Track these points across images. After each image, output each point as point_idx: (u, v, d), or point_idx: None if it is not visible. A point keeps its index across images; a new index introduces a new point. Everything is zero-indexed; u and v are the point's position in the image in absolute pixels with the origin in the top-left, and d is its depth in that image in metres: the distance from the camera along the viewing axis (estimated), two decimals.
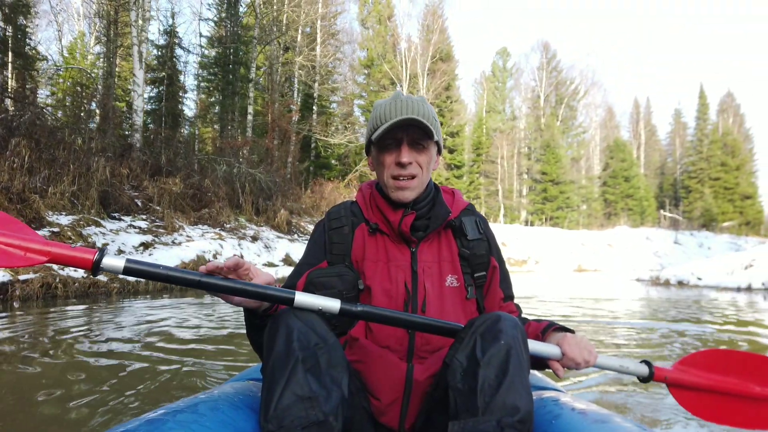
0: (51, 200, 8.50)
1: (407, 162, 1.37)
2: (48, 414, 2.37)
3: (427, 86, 35.64)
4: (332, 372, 1.08)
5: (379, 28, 37.06)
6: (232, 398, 1.17)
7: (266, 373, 1.08)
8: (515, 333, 1.11)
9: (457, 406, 1.07)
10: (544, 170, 40.64)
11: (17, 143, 8.72)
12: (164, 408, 1.07)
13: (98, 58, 24.36)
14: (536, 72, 45.62)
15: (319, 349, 1.09)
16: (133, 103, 16.37)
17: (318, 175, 25.87)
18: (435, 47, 36.10)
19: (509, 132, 42.50)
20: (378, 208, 1.46)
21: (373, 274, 1.40)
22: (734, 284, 11.16)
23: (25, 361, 3.35)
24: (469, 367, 1.09)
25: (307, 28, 25.86)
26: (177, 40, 25.22)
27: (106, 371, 3.15)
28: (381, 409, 1.32)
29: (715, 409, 1.42)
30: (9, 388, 2.77)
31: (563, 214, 39.19)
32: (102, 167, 9.93)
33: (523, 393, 1.04)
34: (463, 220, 1.49)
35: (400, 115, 1.36)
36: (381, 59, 35.81)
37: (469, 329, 1.16)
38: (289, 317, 1.12)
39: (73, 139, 10.28)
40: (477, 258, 1.45)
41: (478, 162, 41.04)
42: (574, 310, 7.40)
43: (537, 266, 25.51)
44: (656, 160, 55.40)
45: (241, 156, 18.20)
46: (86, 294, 6.91)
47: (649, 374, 1.38)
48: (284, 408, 1.00)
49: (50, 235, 7.53)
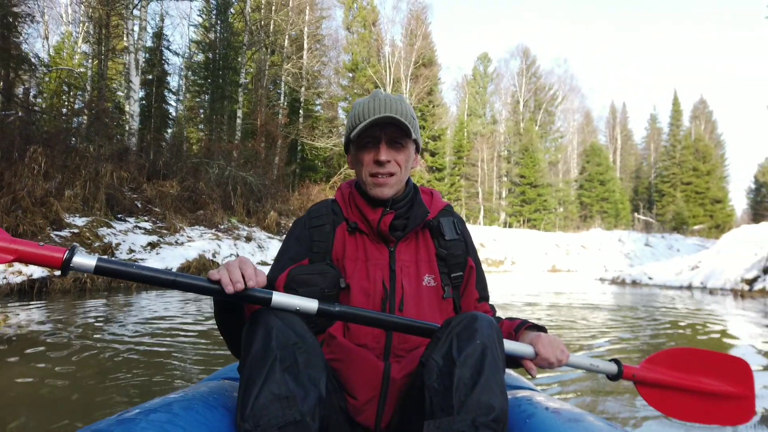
0: (66, 203, 9.31)
1: (385, 160, 1.39)
2: (38, 403, 2.56)
3: (410, 91, 36.64)
4: (310, 371, 1.09)
5: (363, 32, 37.95)
6: (207, 397, 1.16)
7: (243, 371, 1.07)
8: (491, 333, 1.13)
9: (433, 406, 1.08)
10: (522, 173, 41.95)
11: (34, 150, 9.50)
12: (138, 407, 1.06)
13: (85, 58, 24.61)
14: (516, 77, 47.02)
15: (297, 348, 1.09)
16: (130, 108, 17.10)
17: (304, 178, 26.70)
18: (418, 53, 37.13)
19: (489, 136, 43.72)
20: (357, 207, 1.47)
21: (352, 273, 1.41)
22: (678, 283, 12.39)
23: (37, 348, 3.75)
24: (444, 367, 1.10)
25: (293, 32, 26.64)
26: (166, 43, 25.92)
27: (94, 360, 3.42)
28: (357, 407, 1.33)
29: (679, 406, 1.49)
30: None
31: (540, 216, 40.54)
32: (109, 172, 10.73)
33: (498, 392, 1.06)
34: (441, 220, 1.50)
35: (379, 113, 1.38)
36: (365, 63, 36.72)
37: (446, 329, 1.17)
38: (267, 316, 1.12)
39: (85, 146, 11.04)
40: (454, 258, 1.48)
41: (459, 165, 42.18)
42: (535, 300, 8.47)
43: (513, 266, 26.67)
44: (632, 165, 57.12)
45: (231, 159, 18.98)
46: (110, 287, 7.80)
47: (618, 372, 1.42)
48: (261, 407, 1.00)
49: (71, 235, 8.37)
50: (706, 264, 12.17)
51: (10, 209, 7.81)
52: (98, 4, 21.07)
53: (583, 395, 3.05)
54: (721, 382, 1.50)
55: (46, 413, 2.41)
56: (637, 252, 32.13)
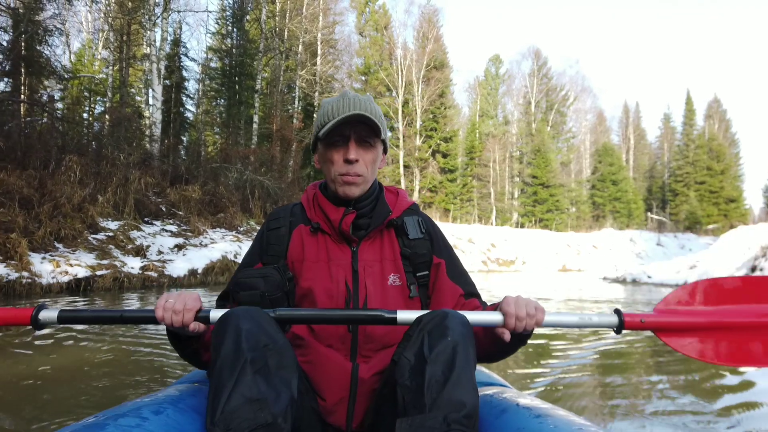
0: (99, 208, 10.04)
1: (354, 159, 1.38)
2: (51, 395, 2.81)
3: (422, 93, 37.23)
4: (282, 373, 1.08)
5: (375, 36, 38.58)
6: (177, 401, 1.16)
7: (213, 375, 1.07)
8: (462, 330, 1.13)
9: (405, 403, 1.08)
10: (534, 174, 42.27)
11: (69, 159, 10.24)
12: (105, 412, 1.05)
13: (105, 64, 25.34)
14: (527, 78, 47.35)
15: (268, 350, 1.09)
16: (152, 115, 17.89)
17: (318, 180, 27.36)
18: (430, 55, 37.68)
19: (501, 137, 44.11)
20: (320, 207, 1.47)
21: (314, 275, 1.41)
22: (674, 281, 12.83)
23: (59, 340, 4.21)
24: (416, 364, 1.11)
25: (307, 39, 27.31)
26: (184, 50, 26.77)
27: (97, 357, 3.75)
28: (328, 409, 1.33)
29: (718, 347, 1.29)
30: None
31: (552, 217, 40.83)
32: (137, 178, 11.47)
33: (469, 388, 1.06)
34: (405, 219, 1.50)
35: (348, 111, 1.37)
36: (377, 67, 37.36)
37: (417, 327, 1.17)
38: (238, 318, 1.12)
39: (116, 155, 11.79)
40: (418, 257, 1.47)
41: (471, 165, 42.59)
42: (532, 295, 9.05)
43: (524, 266, 27.11)
44: (645, 164, 57.01)
45: (249, 163, 19.67)
46: (143, 286, 8.51)
47: (620, 322, 1.28)
48: (232, 410, 1.00)
49: (106, 238, 9.10)
50: (703, 263, 12.62)
51: (52, 215, 8.55)
52: (119, 13, 21.97)
53: (554, 391, 3.08)
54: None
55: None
56: (649, 252, 32.37)
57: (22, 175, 8.96)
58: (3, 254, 7.16)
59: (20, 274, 6.98)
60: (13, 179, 8.44)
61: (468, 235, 28.08)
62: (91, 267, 7.84)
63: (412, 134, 36.94)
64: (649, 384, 3.36)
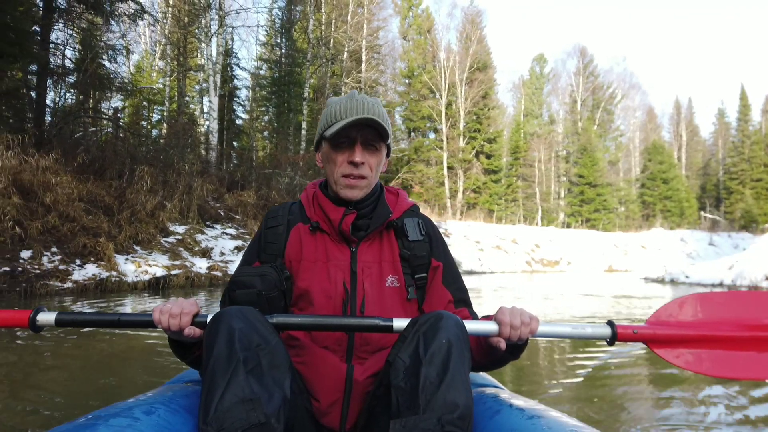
0: (168, 214, 11.10)
1: (360, 161, 1.38)
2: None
3: (465, 95, 37.56)
4: (274, 373, 1.09)
5: (419, 40, 39.16)
6: (169, 401, 1.16)
7: (206, 374, 1.06)
8: (457, 331, 1.14)
9: (399, 405, 1.08)
10: (581, 173, 41.85)
11: (141, 170, 11.35)
12: (96, 412, 1.05)
13: (162, 75, 26.72)
14: (573, 77, 46.91)
15: (261, 350, 1.09)
16: (210, 125, 19.11)
17: None
18: (473, 57, 37.95)
19: (547, 136, 43.86)
20: (320, 207, 1.46)
21: (311, 275, 1.40)
22: (710, 281, 12.92)
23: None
24: (411, 366, 1.11)
25: (352, 45, 28.18)
26: (236, 60, 28.11)
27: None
28: (322, 410, 1.33)
29: (713, 361, 1.31)
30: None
31: (600, 216, 40.35)
32: (201, 185, 12.53)
33: (463, 390, 1.07)
34: (405, 221, 1.49)
35: (357, 114, 1.37)
36: (421, 70, 37.93)
37: (412, 328, 1.17)
38: (230, 317, 1.11)
39: (181, 165, 12.91)
40: (417, 259, 1.46)
41: (516, 166, 42.53)
42: (559, 294, 9.43)
43: (569, 267, 27.11)
44: (699, 161, 55.34)
45: (298, 168, 20.62)
46: (211, 284, 9.49)
47: (612, 334, 1.31)
48: (224, 410, 1.00)
49: (176, 241, 10.13)
50: (741, 263, 12.65)
51: (131, 221, 9.64)
52: (176, 27, 23.40)
53: (548, 393, 3.11)
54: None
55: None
56: (700, 252, 31.66)
57: (102, 186, 10.11)
58: (94, 256, 8.28)
59: (110, 273, 8.11)
60: (97, 189, 9.59)
61: (512, 236, 28.27)
62: (166, 267, 8.93)
63: (455, 136, 37.32)
64: (643, 388, 3.44)
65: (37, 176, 8.85)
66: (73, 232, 8.56)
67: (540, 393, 3.16)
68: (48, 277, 7.58)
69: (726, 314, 1.36)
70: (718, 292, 1.45)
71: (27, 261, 7.70)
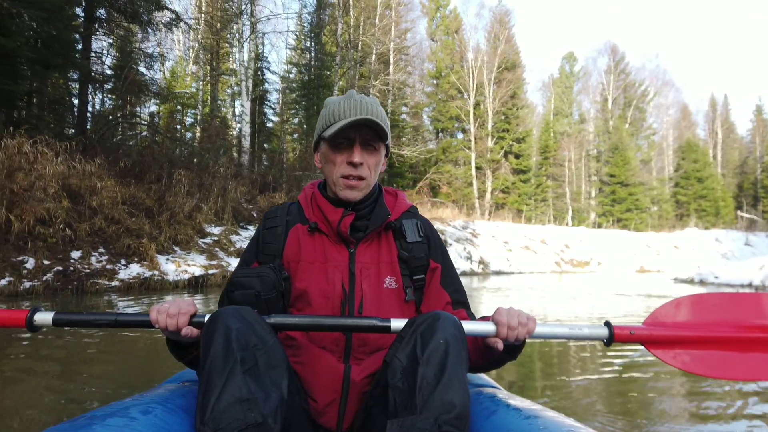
0: (204, 216, 11.57)
1: (359, 162, 1.38)
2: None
3: (494, 95, 37.47)
4: (271, 373, 1.09)
5: (447, 40, 39.22)
6: (166, 401, 1.16)
7: (203, 374, 1.07)
8: (454, 331, 1.15)
9: (396, 405, 1.09)
10: (612, 172, 41.26)
11: (178, 173, 11.85)
12: (93, 411, 1.05)
13: (195, 79, 27.38)
14: (604, 75, 46.26)
15: (258, 350, 1.10)
16: (242, 128, 19.65)
17: (392, 185, 28.46)
18: (501, 57, 37.83)
19: (577, 135, 43.41)
20: (318, 207, 1.46)
21: (309, 275, 1.40)
22: (739, 281, 12.76)
23: None
24: (408, 366, 1.11)
25: (380, 48, 28.46)
26: (266, 64, 28.73)
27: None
28: (319, 410, 1.33)
29: (711, 362, 1.31)
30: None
31: (632, 216, 39.74)
32: (234, 188, 12.99)
33: (460, 390, 1.07)
34: (404, 222, 1.49)
35: (355, 114, 1.37)
36: (449, 70, 37.99)
37: (410, 328, 1.18)
38: (227, 317, 1.12)
39: (216, 168, 13.41)
40: (415, 260, 1.46)
41: (546, 165, 42.20)
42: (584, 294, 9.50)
43: (599, 267, 26.86)
44: (735, 159, 53.87)
45: None
46: None
47: (610, 335, 1.30)
48: (221, 410, 1.00)
49: (212, 242, 10.58)
50: None
51: (170, 223, 10.12)
52: (208, 33, 24.08)
53: (545, 393, 3.11)
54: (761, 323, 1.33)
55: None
56: (736, 252, 30.91)
57: (143, 189, 10.63)
58: (138, 256, 8.79)
59: (152, 272, 8.60)
60: (138, 192, 10.12)
61: (541, 236, 28.13)
62: (203, 267, 9.40)
63: (483, 136, 37.25)
64: (640, 388, 3.45)
65: (84, 181, 9.41)
66: (118, 234, 9.07)
67: (537, 393, 3.16)
68: (97, 275, 8.10)
69: (722, 315, 1.37)
70: (715, 293, 1.45)
71: (77, 261, 8.22)
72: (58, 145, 9.62)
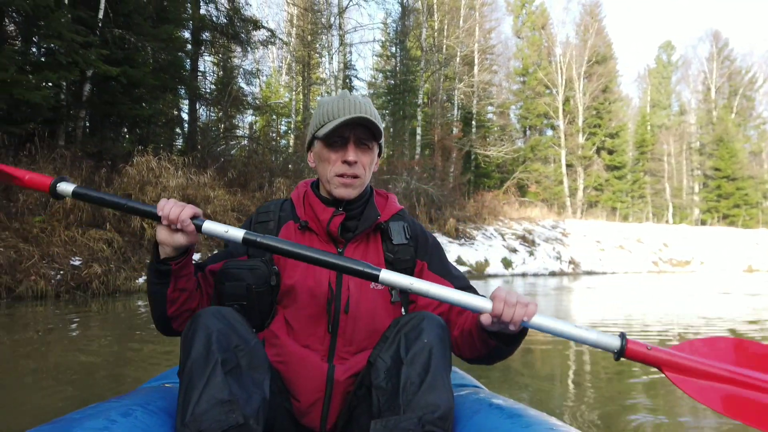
0: None
1: (353, 160, 1.39)
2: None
3: (584, 89, 36.37)
4: (253, 374, 1.10)
5: (533, 36, 38.57)
6: (146, 403, 1.15)
7: (183, 376, 1.06)
8: (439, 332, 1.16)
9: (380, 405, 1.10)
10: (717, 166, 38.65)
11: (278, 181, 12.91)
12: (71, 414, 1.04)
13: (288, 89, 28.88)
14: (705, 63, 43.33)
15: (239, 350, 1.10)
16: None
17: (479, 185, 28.60)
18: (591, 50, 36.65)
19: (677, 127, 41.07)
20: (310, 206, 1.47)
21: (297, 272, 1.39)
22: None
23: None
24: (392, 366, 1.13)
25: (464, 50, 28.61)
26: (354, 72, 29.82)
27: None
28: (302, 410, 1.32)
29: (733, 402, 1.18)
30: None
31: (740, 212, 37.00)
32: None
33: (444, 390, 1.08)
34: (391, 224, 1.49)
35: (349, 113, 1.38)
36: (536, 67, 37.35)
37: (394, 328, 1.20)
38: (208, 318, 1.11)
39: (311, 175, 14.42)
40: (401, 263, 1.46)
41: (643, 160, 40.27)
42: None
43: (701, 267, 25.40)
44: None
45: (414, 173, 21.55)
46: None
47: (621, 348, 1.17)
48: (202, 412, 0.99)
49: None
50: None
51: None
52: (300, 45, 25.46)
53: (528, 392, 3.10)
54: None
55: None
56: None
57: (247, 196, 11.75)
58: None
59: None
60: (244, 200, 11.23)
61: (636, 235, 27.02)
62: None
63: (574, 132, 36.24)
64: (623, 391, 3.40)
65: (199, 191, 10.62)
66: None
67: (521, 393, 3.13)
68: None
69: (761, 367, 1.21)
70: (761, 343, 1.29)
71: (196, 262, 9.32)
72: (176, 160, 10.91)
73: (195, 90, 15.73)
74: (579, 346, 4.70)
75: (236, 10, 16.65)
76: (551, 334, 1.20)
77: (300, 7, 24.29)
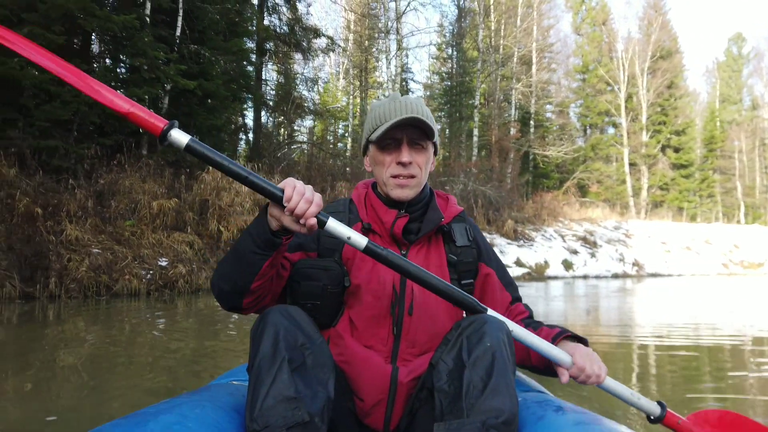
0: None
1: (408, 161, 1.39)
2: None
3: (648, 85, 35.22)
4: (318, 372, 1.11)
5: (593, 33, 37.68)
6: (216, 399, 1.19)
7: (252, 372, 1.09)
8: (501, 335, 1.14)
9: (443, 408, 1.09)
10: None
11: (339, 185, 13.40)
12: (146, 408, 1.08)
13: (345, 94, 29.46)
14: None
15: (305, 349, 1.11)
16: None
17: (537, 186, 28.25)
18: (655, 45, 35.47)
19: (749, 123, 39.07)
20: (373, 208, 1.47)
21: (363, 274, 1.40)
22: None
23: None
24: (455, 369, 1.12)
25: (522, 51, 28.34)
26: (410, 75, 30.12)
27: None
28: (365, 410, 1.33)
29: None
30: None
31: None
32: None
33: (508, 395, 1.07)
34: (453, 226, 1.50)
35: (400, 115, 1.38)
36: (596, 63, 36.47)
37: (456, 331, 1.20)
38: (275, 315, 1.14)
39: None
40: (464, 265, 1.47)
41: (711, 158, 38.58)
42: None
43: None
44: None
45: (471, 175, 21.60)
46: None
47: (660, 415, 1.34)
48: (269, 408, 1.02)
49: None
50: None
51: None
52: (357, 50, 26.01)
53: (595, 399, 3.02)
54: None
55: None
56: None
57: None
58: None
59: None
60: None
61: (705, 236, 25.97)
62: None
63: (637, 130, 35.13)
64: (695, 400, 3.25)
65: None
66: None
67: (586, 399, 3.03)
68: None
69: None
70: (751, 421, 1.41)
71: None
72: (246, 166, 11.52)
73: (260, 98, 16.48)
74: (643, 350, 4.81)
75: (298, 20, 17.35)
76: (611, 394, 1.34)
77: (357, 13, 24.86)
